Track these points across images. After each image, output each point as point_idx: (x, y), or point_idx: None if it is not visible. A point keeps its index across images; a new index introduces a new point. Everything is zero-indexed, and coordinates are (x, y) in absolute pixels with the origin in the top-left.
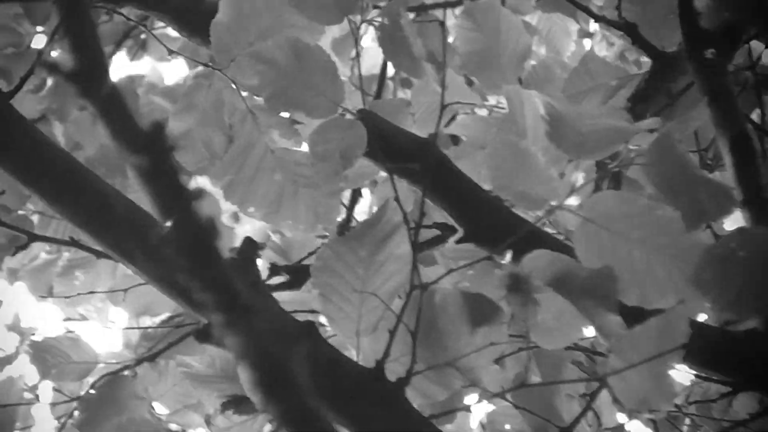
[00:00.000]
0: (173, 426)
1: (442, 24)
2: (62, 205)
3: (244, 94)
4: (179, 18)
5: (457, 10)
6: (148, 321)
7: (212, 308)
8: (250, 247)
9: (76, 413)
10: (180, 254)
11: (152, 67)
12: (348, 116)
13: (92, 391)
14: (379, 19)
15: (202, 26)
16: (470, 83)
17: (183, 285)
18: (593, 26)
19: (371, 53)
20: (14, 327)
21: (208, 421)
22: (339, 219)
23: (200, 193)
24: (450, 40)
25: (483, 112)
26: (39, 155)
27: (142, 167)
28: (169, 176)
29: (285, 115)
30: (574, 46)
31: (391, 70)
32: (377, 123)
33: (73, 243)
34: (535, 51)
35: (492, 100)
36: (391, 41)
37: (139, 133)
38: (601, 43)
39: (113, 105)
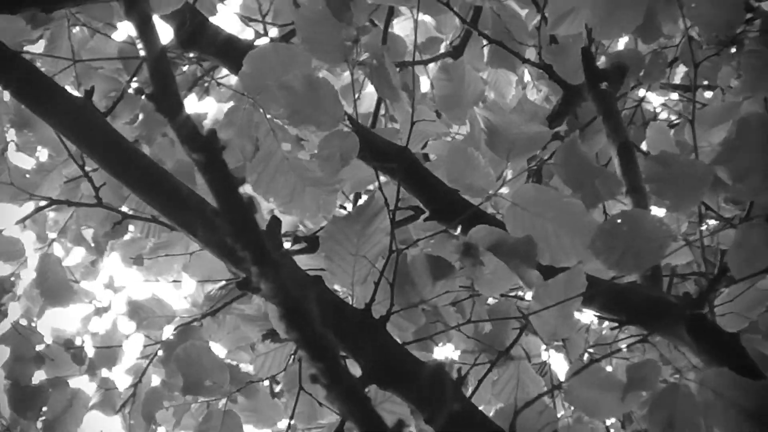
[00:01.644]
0: (228, 362)
1: (413, 67)
2: (146, 194)
3: (268, 116)
4: (221, 55)
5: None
6: (209, 286)
7: (250, 262)
8: (275, 222)
9: (159, 353)
10: (227, 223)
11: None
12: (345, 129)
13: (171, 337)
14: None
15: (238, 62)
16: (439, 116)
17: (230, 246)
18: (527, 78)
19: (369, 97)
20: (110, 285)
21: (252, 348)
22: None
23: (243, 180)
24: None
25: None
26: (129, 158)
27: (201, 161)
28: (220, 167)
29: (293, 133)
30: (513, 92)
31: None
32: (365, 134)
33: (154, 220)
34: (487, 95)
35: (455, 129)
36: (377, 75)
37: (200, 137)
38: (532, 90)
39: (185, 124)
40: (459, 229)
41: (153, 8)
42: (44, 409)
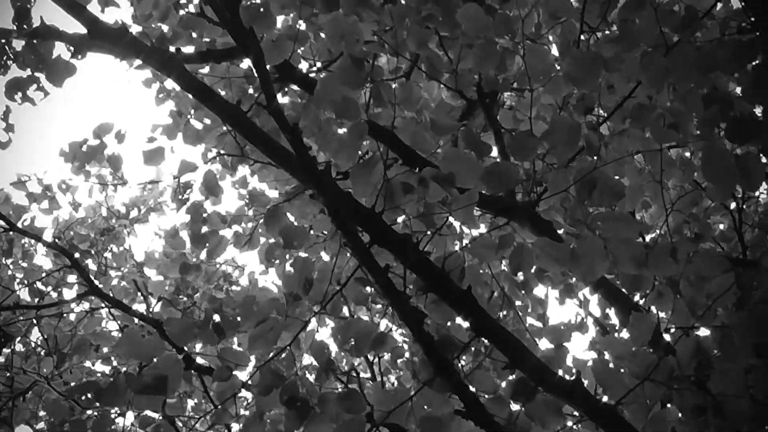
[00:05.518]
0: None
1: (395, 82)
2: (264, 147)
3: (326, 114)
4: (300, 84)
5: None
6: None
7: (312, 186)
8: (328, 165)
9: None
10: (300, 165)
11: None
12: (362, 122)
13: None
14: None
15: (310, 87)
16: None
17: (302, 177)
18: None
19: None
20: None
21: (314, 216)
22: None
23: (309, 147)
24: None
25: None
26: (256, 130)
27: (290, 138)
28: (299, 140)
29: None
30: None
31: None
32: (371, 123)
33: (269, 163)
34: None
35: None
36: (377, 89)
37: (290, 126)
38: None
39: (283, 120)
40: (417, 169)
41: (267, 61)
42: (207, 245)
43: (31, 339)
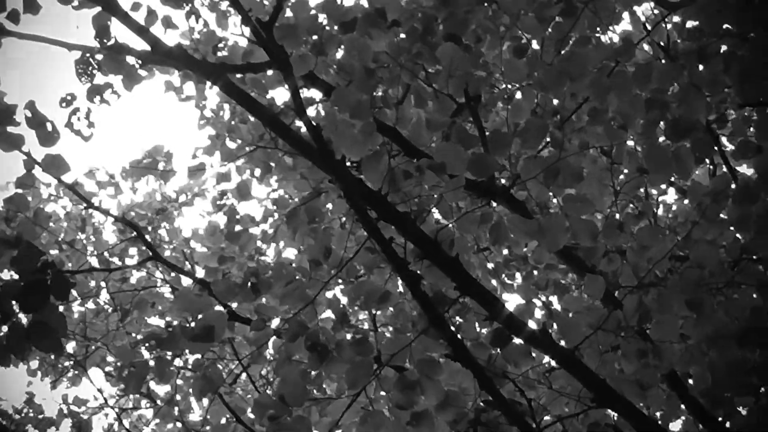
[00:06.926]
0: None
1: (399, 105)
2: (294, 143)
3: (340, 115)
4: (321, 89)
5: None
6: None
7: (330, 173)
8: (344, 158)
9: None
10: (320, 157)
11: None
12: (371, 121)
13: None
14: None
15: (328, 92)
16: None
17: (322, 167)
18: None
19: None
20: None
21: (333, 203)
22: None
23: (330, 141)
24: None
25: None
26: (287, 130)
27: (312, 135)
28: (320, 136)
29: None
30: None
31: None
32: (378, 122)
33: (298, 152)
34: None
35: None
36: (386, 98)
37: (313, 125)
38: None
39: (307, 119)
40: (416, 160)
41: (295, 72)
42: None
43: (100, 299)
